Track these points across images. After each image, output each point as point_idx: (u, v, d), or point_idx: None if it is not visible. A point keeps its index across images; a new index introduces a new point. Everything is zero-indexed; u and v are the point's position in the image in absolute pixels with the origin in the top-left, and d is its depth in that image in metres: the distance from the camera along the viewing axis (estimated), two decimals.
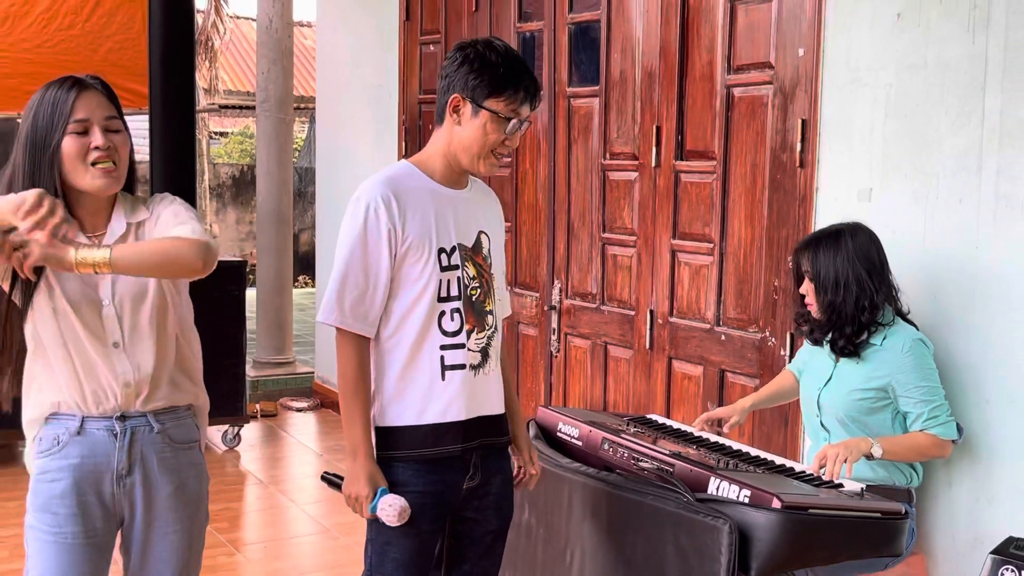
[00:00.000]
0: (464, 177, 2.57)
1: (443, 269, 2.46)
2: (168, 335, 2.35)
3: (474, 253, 2.54)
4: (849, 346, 3.03)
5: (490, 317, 2.55)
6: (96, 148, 2.20)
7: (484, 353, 2.54)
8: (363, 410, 2.45)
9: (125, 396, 2.29)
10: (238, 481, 5.50)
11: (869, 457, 2.89)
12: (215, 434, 6.07)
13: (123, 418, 2.29)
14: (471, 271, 2.52)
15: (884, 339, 3.02)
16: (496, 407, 2.59)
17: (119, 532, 2.38)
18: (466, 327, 2.49)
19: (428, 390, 2.47)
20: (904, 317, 3.09)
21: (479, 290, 2.53)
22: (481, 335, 2.52)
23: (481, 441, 2.54)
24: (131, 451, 2.30)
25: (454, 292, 2.48)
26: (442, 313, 2.46)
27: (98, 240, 2.27)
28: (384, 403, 2.49)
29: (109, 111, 2.25)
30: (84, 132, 2.20)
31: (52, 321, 2.23)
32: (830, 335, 3.08)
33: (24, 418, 2.34)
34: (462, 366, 2.49)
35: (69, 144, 2.19)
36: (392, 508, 2.37)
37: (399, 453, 2.47)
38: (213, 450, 5.96)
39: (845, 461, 2.79)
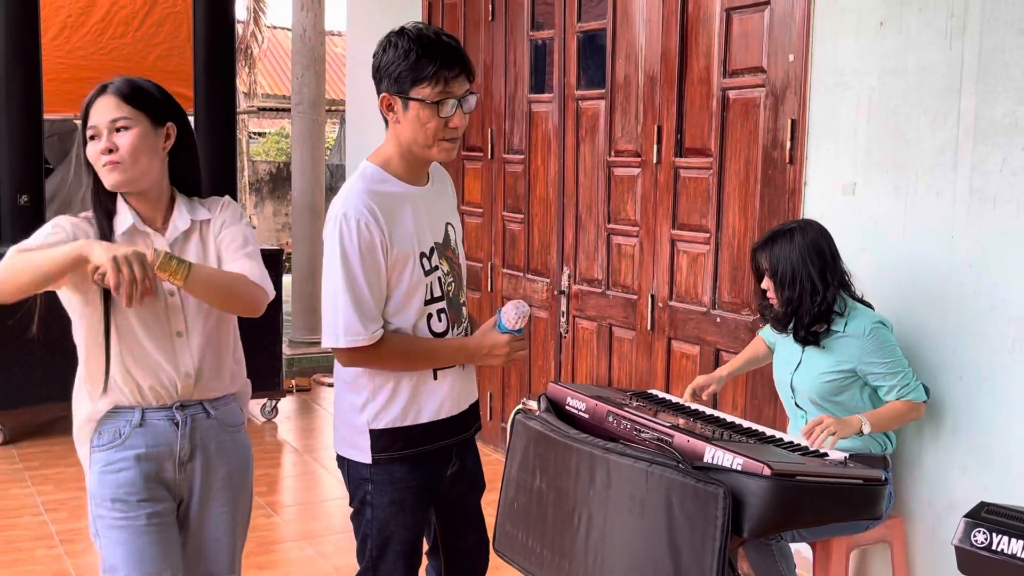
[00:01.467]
0: (424, 171, 2.38)
1: (426, 273, 2.31)
2: (225, 325, 2.31)
3: (444, 248, 2.39)
4: (809, 336, 3.03)
5: (464, 309, 2.45)
6: (103, 152, 2.15)
7: None
8: (431, 347, 2.33)
9: (185, 386, 2.24)
10: (275, 450, 5.53)
11: (860, 433, 2.89)
12: (254, 407, 6.10)
13: (182, 407, 2.26)
14: (445, 267, 2.38)
15: (846, 325, 3.01)
16: (474, 395, 2.53)
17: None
18: (451, 325, 2.38)
19: (422, 391, 2.36)
20: (861, 301, 3.08)
21: (453, 284, 2.41)
22: (459, 329, 2.42)
23: (465, 434, 2.49)
24: (192, 438, 2.27)
25: (437, 293, 2.35)
26: (430, 315, 2.33)
27: (159, 232, 2.23)
28: (381, 406, 2.34)
29: (118, 113, 2.15)
30: (95, 137, 2.17)
31: (113, 311, 2.16)
32: (792, 326, 3.07)
33: (77, 418, 2.26)
34: (451, 365, 2.39)
35: (89, 150, 2.18)
36: (518, 312, 2.34)
37: (396, 453, 2.36)
38: (253, 421, 5.98)
39: (833, 434, 2.78)
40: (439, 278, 2.35)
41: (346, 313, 2.22)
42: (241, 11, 17.17)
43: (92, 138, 2.17)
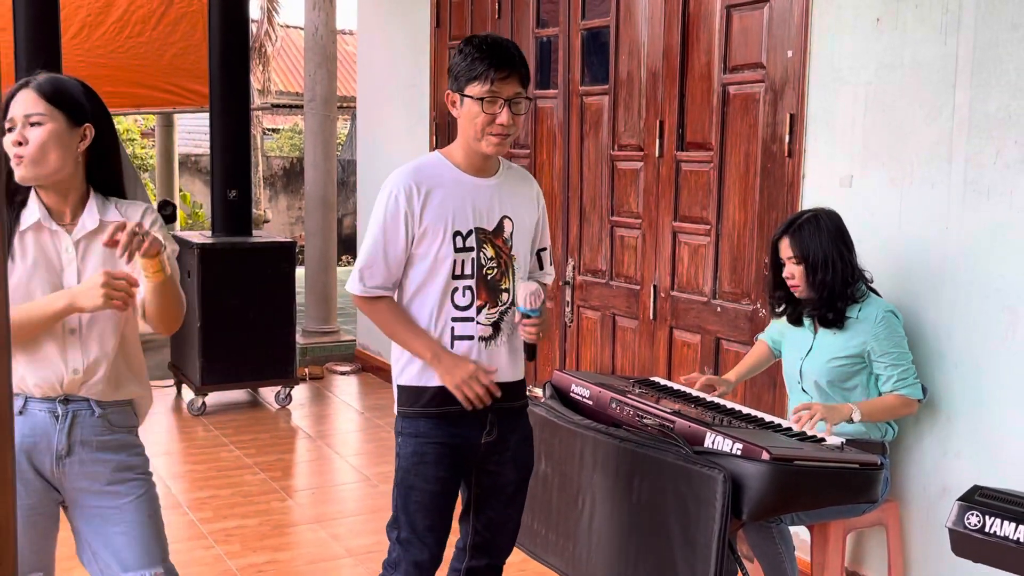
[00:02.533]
0: (491, 164, 2.52)
1: (457, 250, 2.44)
2: (120, 327, 2.22)
3: (494, 236, 2.49)
4: (838, 319, 3.01)
5: (505, 295, 2.51)
6: (13, 144, 2.12)
7: (496, 327, 2.51)
8: (414, 328, 2.47)
9: (71, 381, 2.16)
10: (289, 436, 5.53)
11: (850, 421, 2.88)
12: (269, 394, 6.11)
13: (66, 401, 2.17)
14: (489, 252, 2.48)
15: (860, 311, 3.00)
16: (508, 375, 2.55)
17: (63, 511, 2.26)
18: (477, 303, 2.47)
19: None
20: (872, 289, 3.08)
21: (495, 270, 2.50)
22: (493, 311, 2.49)
23: (492, 406, 2.50)
24: (71, 433, 2.17)
25: (468, 271, 2.46)
26: (455, 289, 2.45)
27: (65, 229, 2.17)
28: (405, 364, 2.50)
29: (33, 108, 2.13)
30: (11, 129, 2.13)
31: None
32: (820, 311, 3.04)
33: None
34: (470, 337, 2.48)
35: (4, 141, 2.11)
36: (526, 291, 2.44)
37: (416, 409, 2.49)
38: (267, 408, 6.00)
39: (824, 420, 2.78)
40: (473, 258, 2.46)
41: (360, 265, 2.48)
42: (255, 10, 17.16)
43: (9, 130, 2.13)
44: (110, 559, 2.22)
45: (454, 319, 2.47)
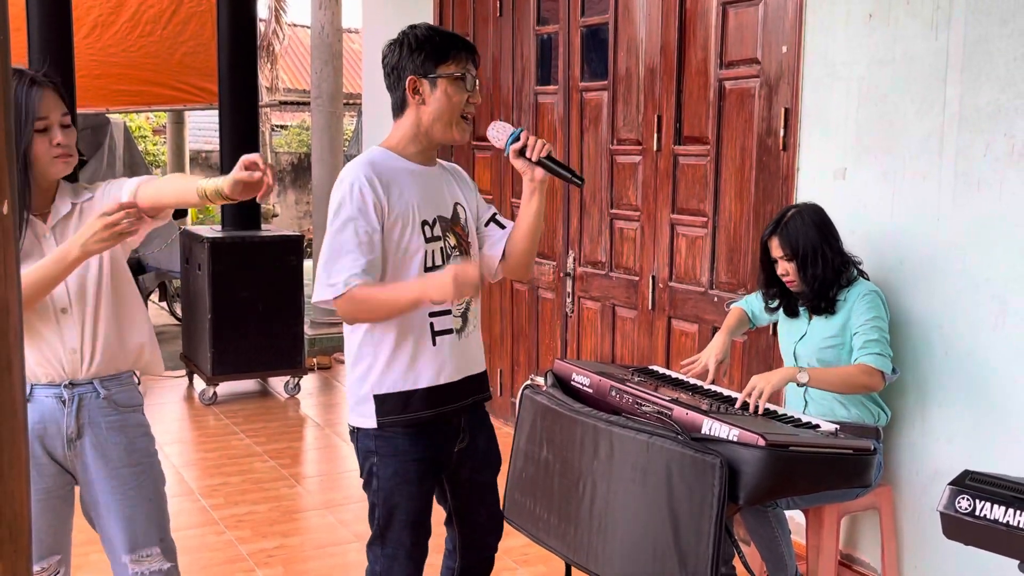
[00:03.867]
0: (432, 156, 2.45)
1: (427, 240, 2.34)
2: (112, 300, 2.21)
3: (453, 224, 2.43)
4: (831, 307, 3.01)
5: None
6: (58, 145, 2.12)
7: (464, 318, 2.44)
8: (393, 288, 2.25)
9: (72, 363, 2.15)
10: (298, 424, 5.54)
11: (797, 383, 2.84)
12: (278, 383, 6.12)
13: (71, 385, 2.17)
14: (452, 240, 2.41)
15: (847, 293, 3.01)
16: (478, 366, 2.51)
17: (77, 491, 2.27)
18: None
19: (421, 355, 2.35)
20: (861, 272, 3.07)
21: (459, 258, 2.42)
22: (462, 301, 2.40)
23: (472, 399, 2.47)
24: (79, 416, 2.18)
25: (439, 261, 2.36)
26: None
27: (43, 219, 2.17)
28: (381, 372, 2.34)
29: (63, 109, 2.14)
30: (46, 129, 2.10)
31: None
32: (814, 302, 3.04)
33: None
34: (449, 331, 2.39)
35: (41, 143, 2.10)
36: (501, 130, 2.38)
37: (399, 418, 2.35)
38: (276, 397, 6.00)
39: (761, 394, 2.73)
40: (441, 248, 2.37)
41: (323, 270, 2.26)
42: (263, 9, 17.14)
43: (43, 130, 2.10)
44: (112, 536, 2.25)
45: (431, 314, 2.35)
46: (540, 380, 3.14)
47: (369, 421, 2.37)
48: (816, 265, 2.98)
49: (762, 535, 3.00)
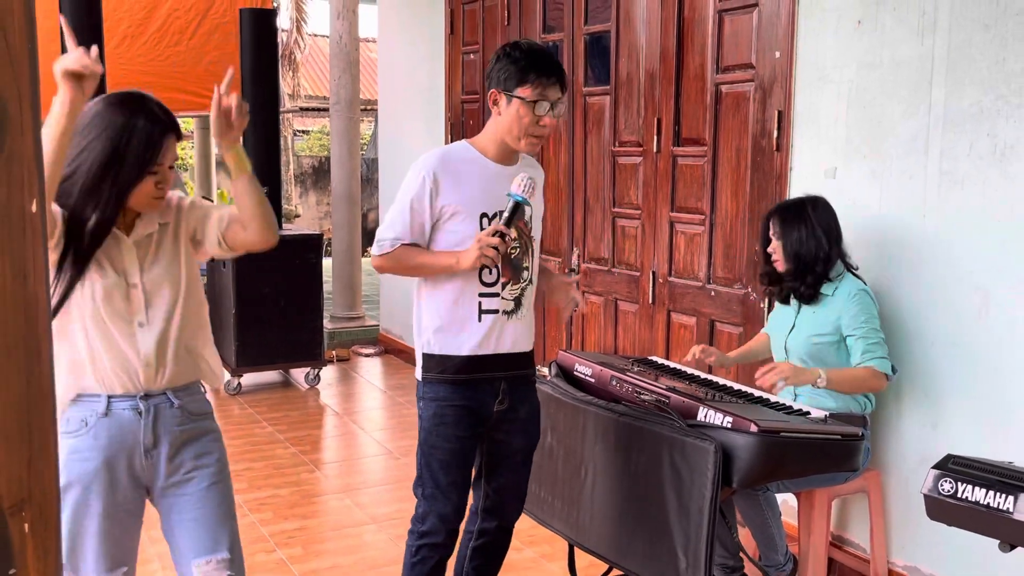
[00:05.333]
0: (514, 156, 2.54)
1: (483, 230, 2.45)
2: (184, 312, 2.13)
3: (517, 219, 2.50)
4: (809, 291, 3.01)
5: (526, 272, 2.54)
6: (159, 187, 2.05)
7: (517, 302, 2.54)
8: (431, 254, 2.46)
9: (147, 375, 2.07)
10: (318, 413, 5.56)
11: (815, 385, 2.85)
12: (299, 375, 6.14)
13: (147, 396, 2.09)
14: (513, 233, 2.47)
15: (835, 289, 3.00)
16: (524, 345, 2.59)
17: (149, 498, 2.19)
18: (502, 279, 2.49)
19: (468, 327, 2.49)
20: (853, 273, 3.06)
21: (518, 249, 2.52)
22: (516, 287, 2.52)
23: (509, 372, 2.55)
24: (156, 427, 2.09)
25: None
26: (483, 267, 2.44)
27: (126, 232, 2.07)
28: (432, 334, 2.50)
29: (176, 155, 2.09)
30: (155, 172, 2.04)
31: (83, 302, 2.02)
32: (794, 284, 3.05)
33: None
34: (496, 311, 2.50)
35: (148, 184, 2.03)
36: (523, 185, 2.41)
37: (442, 375, 2.50)
38: (297, 388, 6.02)
39: (786, 379, 2.76)
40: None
41: (381, 230, 2.50)
42: (285, 20, 17.17)
43: (154, 172, 2.03)
44: (181, 544, 2.16)
45: (481, 294, 2.49)
46: (545, 371, 3.15)
47: (419, 374, 2.55)
48: (800, 245, 2.99)
49: (753, 518, 3.00)
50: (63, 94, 1.85)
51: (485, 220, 2.47)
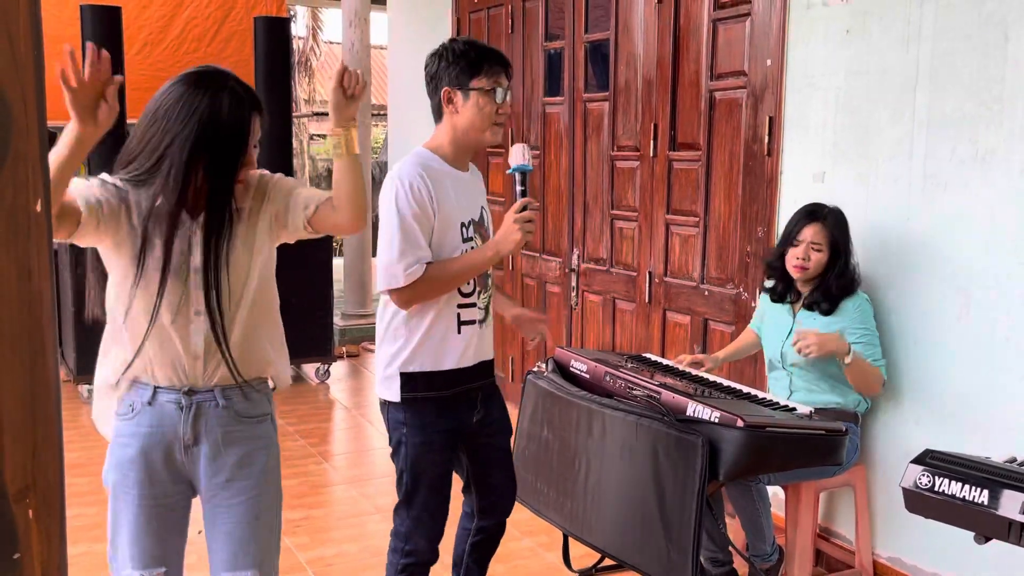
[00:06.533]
0: (467, 160, 2.48)
1: (463, 240, 2.40)
2: (251, 309, 1.96)
3: (479, 226, 2.47)
4: (827, 306, 2.99)
5: (489, 280, 2.51)
6: (245, 168, 1.93)
7: (486, 310, 2.50)
8: (461, 259, 2.34)
9: (193, 369, 1.91)
10: (327, 407, 5.58)
11: (841, 358, 2.85)
12: (309, 370, 6.16)
13: (190, 392, 1.93)
14: (478, 241, 2.45)
15: (847, 301, 3.00)
16: (490, 353, 2.56)
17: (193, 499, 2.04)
18: (477, 288, 2.44)
19: (448, 341, 2.40)
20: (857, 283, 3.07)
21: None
22: (484, 295, 2.48)
23: (485, 381, 2.52)
24: (195, 424, 1.93)
25: None
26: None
27: (194, 220, 1.90)
28: (412, 353, 2.38)
29: (259, 133, 1.94)
30: (249, 151, 1.92)
31: (138, 290, 1.86)
32: (813, 296, 3.03)
33: (97, 380, 1.98)
34: (472, 321, 2.45)
35: (243, 171, 1.90)
36: (522, 153, 2.38)
37: (424, 395, 2.40)
38: (308, 382, 6.05)
39: (817, 346, 2.77)
40: (472, 247, 2.41)
41: (389, 263, 2.29)
42: (301, 28, 17.21)
43: (245, 153, 1.90)
44: (212, 554, 2.01)
45: (459, 306, 2.42)
46: (543, 366, 3.16)
47: (395, 395, 2.40)
48: (838, 262, 2.98)
49: (744, 508, 3.01)
50: (72, 125, 1.73)
51: (464, 229, 2.39)
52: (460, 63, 2.34)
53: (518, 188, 2.39)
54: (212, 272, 1.87)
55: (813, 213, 3.06)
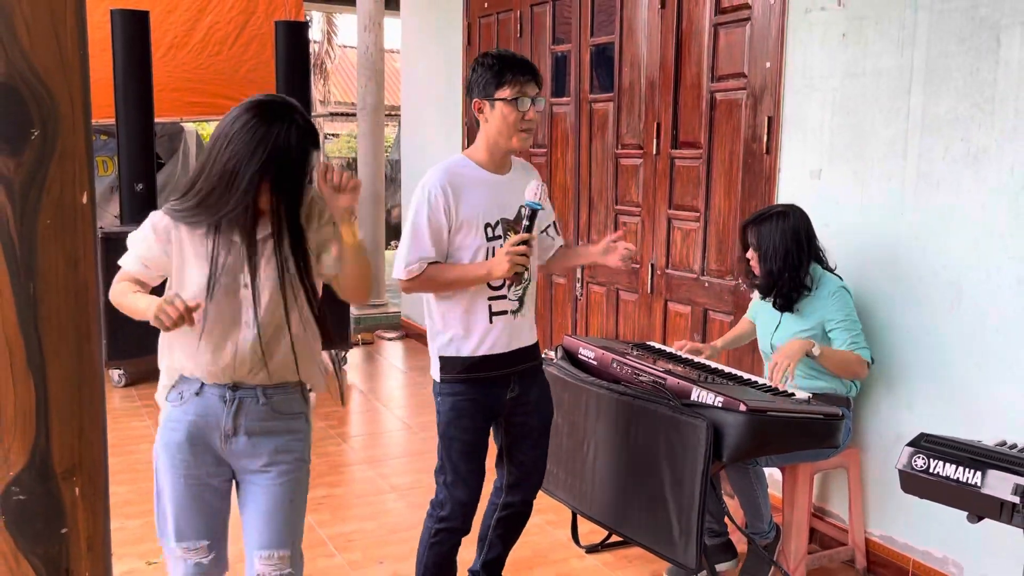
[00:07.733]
0: (506, 162, 2.51)
1: (489, 239, 2.43)
2: (298, 320, 1.99)
3: (515, 223, 2.48)
4: (783, 301, 2.99)
5: (526, 273, 2.48)
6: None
7: (521, 301, 2.51)
8: (461, 268, 2.40)
9: (239, 370, 1.98)
10: (344, 391, 5.57)
11: (809, 354, 2.82)
12: (326, 356, 6.15)
13: (235, 387, 1.99)
14: (536, 239, 2.46)
15: (815, 289, 2.98)
16: (529, 339, 2.56)
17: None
18: (507, 282, 2.44)
19: (481, 330, 2.45)
20: (831, 271, 3.04)
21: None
22: (519, 287, 2.49)
23: (519, 366, 2.52)
24: (236, 416, 1.99)
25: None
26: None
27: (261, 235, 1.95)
28: (449, 339, 2.47)
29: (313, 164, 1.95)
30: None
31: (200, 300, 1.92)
32: (772, 294, 3.03)
33: (160, 383, 2.07)
34: (504, 312, 2.47)
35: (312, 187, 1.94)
36: (538, 192, 2.38)
37: (459, 375, 2.47)
38: (326, 368, 6.03)
39: (787, 369, 2.73)
40: (498, 247, 2.42)
41: (401, 253, 2.42)
42: (317, 32, 17.17)
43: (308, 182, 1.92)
44: (248, 532, 2.05)
45: (490, 298, 2.45)
46: (552, 354, 3.15)
47: (437, 375, 2.51)
48: (774, 263, 2.95)
49: (743, 489, 3.00)
50: (149, 314, 1.82)
51: (488, 229, 2.43)
52: (486, 75, 2.41)
53: (524, 222, 2.41)
54: (252, 285, 1.94)
55: (757, 216, 3.04)
